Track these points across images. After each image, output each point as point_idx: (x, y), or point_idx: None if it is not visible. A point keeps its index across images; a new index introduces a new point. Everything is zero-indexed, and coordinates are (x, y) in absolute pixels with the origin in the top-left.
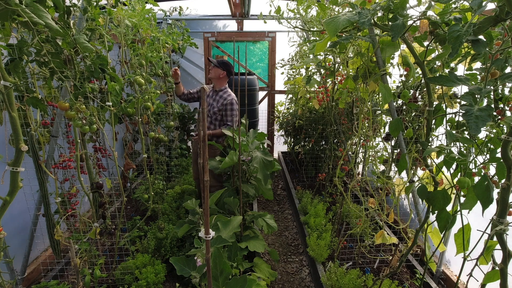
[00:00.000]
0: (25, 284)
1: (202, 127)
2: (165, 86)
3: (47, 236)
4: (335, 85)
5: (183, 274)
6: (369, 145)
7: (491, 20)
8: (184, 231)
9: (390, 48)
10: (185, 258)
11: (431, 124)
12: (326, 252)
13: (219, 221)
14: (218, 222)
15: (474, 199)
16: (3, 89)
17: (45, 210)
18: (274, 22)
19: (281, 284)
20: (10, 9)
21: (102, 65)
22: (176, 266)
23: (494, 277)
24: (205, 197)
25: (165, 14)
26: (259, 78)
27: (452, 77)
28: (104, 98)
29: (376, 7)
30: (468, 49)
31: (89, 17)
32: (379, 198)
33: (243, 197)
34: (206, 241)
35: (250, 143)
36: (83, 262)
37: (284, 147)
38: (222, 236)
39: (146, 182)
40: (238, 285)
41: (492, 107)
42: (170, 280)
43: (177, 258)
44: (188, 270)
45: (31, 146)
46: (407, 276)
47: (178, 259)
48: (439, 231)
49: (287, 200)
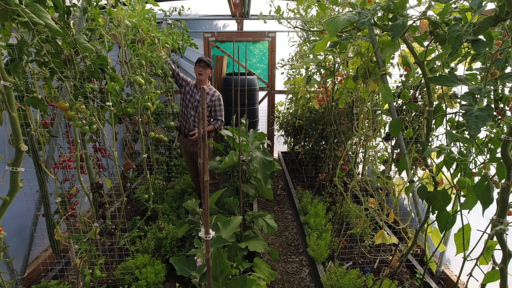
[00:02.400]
0: (25, 284)
1: (202, 126)
2: (165, 86)
3: (47, 236)
4: (335, 85)
5: (183, 274)
6: (369, 145)
7: (491, 20)
8: (184, 231)
9: (390, 48)
10: (185, 258)
11: (431, 124)
12: (326, 252)
13: (219, 221)
14: (218, 222)
15: (474, 199)
16: (3, 89)
17: (45, 210)
18: (274, 22)
19: (281, 284)
20: (10, 9)
21: (102, 65)
22: (176, 266)
23: (494, 277)
24: (205, 197)
25: (165, 14)
26: (259, 78)
27: (452, 77)
28: (104, 98)
29: (376, 7)
30: (468, 49)
31: (89, 17)
32: (379, 198)
33: (243, 197)
34: (206, 241)
35: (250, 143)
36: (83, 262)
37: (284, 147)
38: (222, 236)
39: (146, 182)
40: (238, 285)
41: (492, 107)
42: (170, 280)
43: (177, 258)
44: (188, 270)
45: (31, 146)
46: (407, 276)
47: (178, 259)
48: (439, 231)
49: (287, 200)
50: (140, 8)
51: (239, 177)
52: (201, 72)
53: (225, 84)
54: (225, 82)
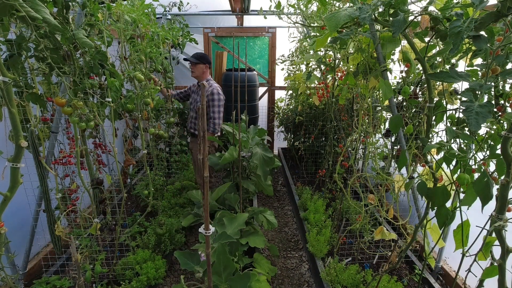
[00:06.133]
0: (27, 279)
1: (202, 123)
2: (165, 82)
3: (48, 232)
4: (335, 81)
5: (187, 268)
6: (369, 142)
7: (492, 15)
8: (189, 222)
9: (391, 44)
10: (189, 252)
11: (431, 121)
12: (325, 247)
13: (225, 218)
14: (224, 219)
15: (474, 195)
16: (2, 85)
17: (46, 206)
18: (274, 17)
19: (280, 279)
20: (8, 3)
21: (102, 60)
22: (180, 260)
23: (493, 273)
24: (204, 193)
25: (164, 10)
26: (259, 74)
27: (453, 73)
28: (104, 94)
29: (377, 3)
30: (469, 45)
31: (88, 12)
32: (378, 195)
33: (243, 193)
34: (206, 237)
35: (251, 139)
36: (84, 258)
37: (284, 143)
38: (227, 232)
39: (146, 178)
40: (241, 281)
41: (492, 104)
42: (171, 275)
43: (181, 252)
44: (191, 264)
45: (31, 142)
46: (406, 272)
47: (182, 253)
48: (438, 227)
49: (287, 196)
50: (139, 3)
51: (239, 173)
52: (192, 69)
53: (225, 80)
54: (225, 78)
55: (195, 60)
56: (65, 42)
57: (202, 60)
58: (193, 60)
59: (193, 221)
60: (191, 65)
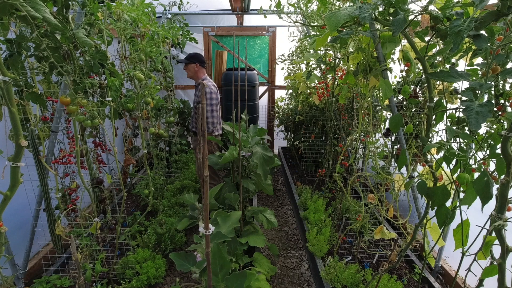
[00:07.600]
0: (27, 278)
1: (202, 123)
2: (165, 81)
3: (48, 231)
4: (336, 81)
5: (183, 269)
6: (369, 141)
7: (493, 15)
8: (184, 225)
9: (391, 43)
10: (184, 253)
11: (431, 120)
12: (325, 247)
13: (218, 216)
14: (218, 217)
15: (474, 194)
16: (2, 84)
17: (46, 205)
18: (274, 16)
19: (280, 278)
20: (8, 3)
21: (102, 60)
22: (176, 262)
23: (493, 272)
24: (204, 192)
25: (164, 9)
26: (259, 74)
27: (453, 72)
28: (104, 93)
29: (377, 2)
30: (470, 44)
31: (88, 12)
32: (378, 194)
33: (243, 193)
34: (206, 236)
35: (251, 139)
36: (84, 257)
37: (284, 143)
38: (221, 231)
39: (146, 177)
40: (238, 280)
41: (492, 103)
42: (171, 274)
43: (177, 254)
44: (187, 265)
45: (31, 141)
46: (406, 271)
47: (177, 254)
48: (438, 226)
49: (287, 196)
50: (139, 2)
51: (239, 172)
52: (186, 71)
53: (225, 79)
54: (225, 77)
55: (185, 61)
56: (65, 41)
57: (192, 59)
58: (183, 61)
59: (188, 224)
60: (184, 67)
